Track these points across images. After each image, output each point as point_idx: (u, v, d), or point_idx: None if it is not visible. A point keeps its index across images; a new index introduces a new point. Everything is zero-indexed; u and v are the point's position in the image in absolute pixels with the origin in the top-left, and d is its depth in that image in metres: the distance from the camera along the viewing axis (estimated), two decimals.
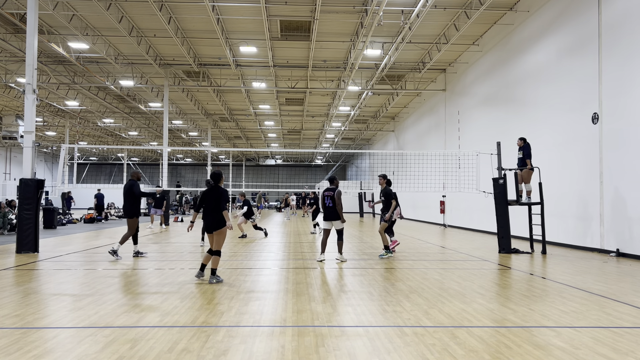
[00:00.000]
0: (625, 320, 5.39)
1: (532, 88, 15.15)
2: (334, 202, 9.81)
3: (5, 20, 17.37)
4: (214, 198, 7.65)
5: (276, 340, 4.60)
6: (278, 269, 9.13)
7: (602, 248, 11.78)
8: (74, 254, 11.14)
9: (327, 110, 32.29)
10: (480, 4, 14.80)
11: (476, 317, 5.49)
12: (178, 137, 45.55)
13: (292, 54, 20.96)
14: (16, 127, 24.33)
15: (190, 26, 17.90)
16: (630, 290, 7.14)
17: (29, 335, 4.68)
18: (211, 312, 5.62)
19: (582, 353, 4.27)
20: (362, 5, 15.76)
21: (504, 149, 12.90)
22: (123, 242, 10.37)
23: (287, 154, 62.30)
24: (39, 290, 6.92)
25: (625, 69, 11.06)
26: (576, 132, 12.86)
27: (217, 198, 7.65)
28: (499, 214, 11.91)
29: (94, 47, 19.02)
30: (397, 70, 22.95)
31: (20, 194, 11.40)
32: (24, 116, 11.83)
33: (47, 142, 48.90)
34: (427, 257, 11.15)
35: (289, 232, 18.55)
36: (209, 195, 7.71)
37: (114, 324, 5.07)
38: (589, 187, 12.33)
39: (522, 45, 15.79)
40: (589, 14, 12.40)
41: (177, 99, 29.59)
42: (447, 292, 6.93)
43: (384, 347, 4.39)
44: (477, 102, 19.65)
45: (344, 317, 5.46)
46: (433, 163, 20.58)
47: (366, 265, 9.70)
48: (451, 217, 22.87)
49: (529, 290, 7.13)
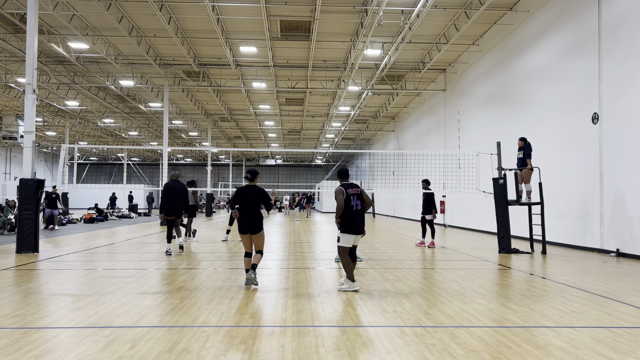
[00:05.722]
0: (625, 320, 5.38)
1: (532, 88, 15.15)
2: (363, 204, 7.16)
3: (5, 20, 17.36)
4: (254, 198, 7.23)
5: (276, 340, 4.60)
6: (278, 269, 9.13)
7: (602, 248, 11.78)
8: (74, 254, 11.14)
9: (327, 110, 32.28)
10: (480, 4, 14.80)
11: (476, 317, 5.49)
12: (178, 137, 45.55)
13: (292, 54, 20.96)
14: (16, 127, 24.34)
15: (190, 26, 17.90)
16: (630, 290, 7.14)
17: (29, 335, 4.68)
18: (211, 312, 5.62)
19: (582, 353, 4.27)
20: (362, 5, 15.75)
21: (504, 149, 12.90)
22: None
23: (287, 154, 62.30)
24: (39, 290, 6.92)
25: (626, 68, 11.06)
26: (576, 132, 12.86)
27: (257, 198, 7.24)
28: (499, 214, 11.91)
29: (94, 47, 19.01)
30: (397, 70, 22.95)
31: (20, 194, 11.40)
32: (24, 116, 11.83)
33: (47, 142, 48.90)
34: (427, 257, 11.15)
35: (289, 232, 18.55)
36: (248, 195, 7.25)
37: (114, 324, 5.07)
38: (589, 187, 12.33)
39: (522, 45, 15.79)
40: (588, 13, 12.40)
41: (177, 99, 29.59)
42: (447, 292, 6.93)
43: (384, 347, 4.39)
44: (477, 102, 19.65)
45: (344, 317, 5.46)
46: (433, 163, 20.58)
47: (366, 265, 9.70)
48: (451, 217, 22.88)
49: (529, 290, 7.13)
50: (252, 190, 7.29)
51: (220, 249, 12.37)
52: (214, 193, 37.41)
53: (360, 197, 7.09)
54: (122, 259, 10.38)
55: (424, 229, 13.39)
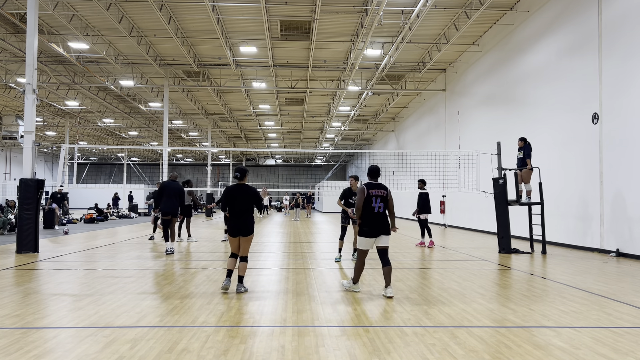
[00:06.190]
0: (625, 320, 5.38)
1: (532, 88, 15.15)
2: (386, 208, 6.70)
3: (5, 20, 17.36)
4: (245, 198, 6.79)
5: (276, 340, 4.60)
6: (278, 269, 9.13)
7: (602, 248, 11.78)
8: (74, 254, 11.14)
9: (327, 110, 32.29)
10: (480, 4, 14.80)
11: (476, 317, 5.49)
12: (178, 137, 45.56)
13: (292, 54, 20.96)
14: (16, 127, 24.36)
15: (190, 26, 17.90)
16: (630, 290, 7.14)
17: (29, 335, 4.68)
18: (211, 312, 5.62)
19: (582, 353, 4.27)
20: (362, 5, 15.75)
21: (504, 149, 12.90)
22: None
23: (287, 154, 62.31)
24: (39, 290, 6.92)
25: (626, 68, 11.06)
26: (576, 131, 12.86)
27: (250, 198, 6.82)
28: (499, 214, 11.91)
29: (94, 47, 19.02)
30: (397, 70, 22.95)
31: (20, 194, 11.40)
32: (24, 116, 11.83)
33: (47, 142, 48.91)
34: (427, 257, 11.15)
35: (289, 232, 18.55)
36: (241, 194, 6.80)
37: (114, 324, 5.07)
38: (589, 187, 12.33)
39: (522, 45, 15.79)
40: (588, 13, 12.40)
41: (177, 99, 29.59)
42: (447, 292, 6.93)
43: (384, 347, 4.39)
44: (477, 102, 19.65)
45: (344, 317, 5.46)
46: (433, 163, 20.58)
47: (366, 265, 9.67)
48: (451, 217, 22.87)
49: (529, 290, 7.12)
50: (244, 189, 6.85)
51: (220, 249, 12.37)
52: (214, 193, 37.39)
53: (384, 199, 6.59)
54: (122, 259, 10.38)
55: (422, 230, 13.38)
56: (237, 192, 6.81)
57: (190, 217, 14.70)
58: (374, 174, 6.83)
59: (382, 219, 6.59)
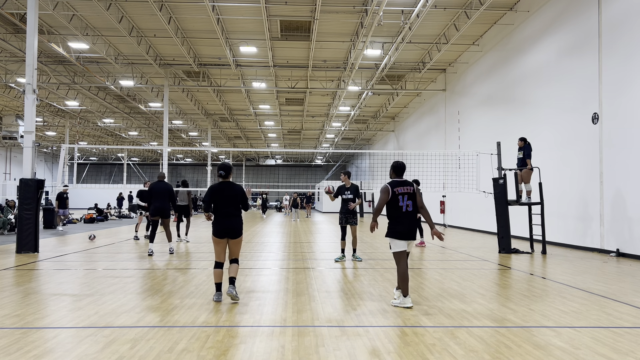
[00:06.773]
0: (625, 320, 5.38)
1: (532, 88, 15.15)
2: (415, 206, 6.08)
3: (5, 20, 17.36)
4: (231, 197, 6.27)
5: (276, 340, 4.60)
6: (278, 269, 9.13)
7: (602, 248, 11.78)
8: (74, 254, 11.14)
9: (327, 110, 32.29)
10: (480, 4, 14.80)
11: (476, 317, 5.49)
12: (178, 137, 45.55)
13: (292, 54, 20.96)
14: (16, 127, 24.34)
15: (190, 26, 17.91)
16: (630, 290, 7.14)
17: (29, 335, 4.68)
18: (211, 312, 5.62)
19: (582, 353, 4.27)
20: (362, 5, 15.75)
21: (504, 148, 12.90)
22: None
23: (287, 154, 62.31)
24: (39, 290, 6.92)
25: (626, 68, 11.06)
26: (576, 131, 12.86)
27: (234, 197, 6.28)
28: (499, 214, 11.91)
29: (94, 47, 19.02)
30: (397, 70, 22.95)
31: (20, 194, 11.40)
32: (24, 116, 11.83)
33: (47, 142, 48.90)
34: (427, 257, 11.15)
35: (289, 232, 18.55)
36: (228, 192, 6.28)
37: (114, 324, 5.07)
38: (589, 187, 12.33)
39: (522, 45, 15.79)
40: (589, 13, 12.40)
41: (177, 99, 29.59)
42: (447, 292, 6.93)
43: (384, 347, 4.39)
44: (477, 102, 19.65)
45: (344, 317, 5.46)
46: (433, 163, 20.58)
47: (366, 265, 9.70)
48: (451, 217, 22.87)
49: (529, 290, 7.12)
50: (231, 187, 6.31)
51: None
52: None
53: (412, 197, 5.97)
54: (122, 259, 10.38)
55: (420, 229, 13.22)
56: (223, 191, 6.27)
57: (189, 217, 14.67)
58: (399, 170, 6.11)
59: (413, 220, 5.95)
